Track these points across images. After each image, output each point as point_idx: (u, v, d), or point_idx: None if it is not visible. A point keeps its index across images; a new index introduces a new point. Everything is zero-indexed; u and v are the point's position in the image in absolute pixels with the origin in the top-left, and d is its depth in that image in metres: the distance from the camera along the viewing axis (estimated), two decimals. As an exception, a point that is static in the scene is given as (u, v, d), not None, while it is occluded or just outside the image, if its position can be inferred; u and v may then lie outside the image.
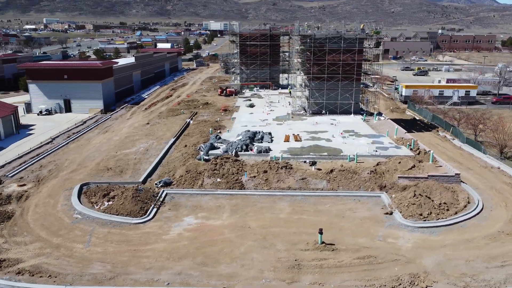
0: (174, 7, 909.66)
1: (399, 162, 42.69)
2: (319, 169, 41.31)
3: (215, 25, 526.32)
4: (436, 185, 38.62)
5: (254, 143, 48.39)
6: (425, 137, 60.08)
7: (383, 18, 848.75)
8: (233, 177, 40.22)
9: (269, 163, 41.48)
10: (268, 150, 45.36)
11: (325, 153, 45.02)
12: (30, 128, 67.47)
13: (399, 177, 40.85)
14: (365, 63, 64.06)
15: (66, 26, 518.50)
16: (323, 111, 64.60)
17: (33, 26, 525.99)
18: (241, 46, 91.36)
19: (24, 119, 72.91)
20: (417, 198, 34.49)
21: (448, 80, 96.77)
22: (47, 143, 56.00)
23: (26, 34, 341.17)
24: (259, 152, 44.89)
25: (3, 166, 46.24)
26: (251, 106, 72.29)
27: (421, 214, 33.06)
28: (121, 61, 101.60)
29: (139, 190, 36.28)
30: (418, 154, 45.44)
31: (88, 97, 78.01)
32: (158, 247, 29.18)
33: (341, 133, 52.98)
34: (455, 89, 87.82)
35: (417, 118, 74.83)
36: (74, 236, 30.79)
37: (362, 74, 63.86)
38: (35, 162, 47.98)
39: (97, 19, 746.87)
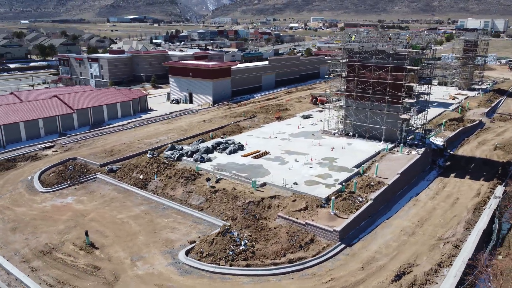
0: (440, 3, 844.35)
1: (294, 201, 37.90)
2: (213, 187, 41.46)
3: (473, 23, 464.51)
4: (285, 234, 33.46)
5: (215, 151, 51.25)
6: (457, 187, 46.60)
7: None
8: (149, 176, 45.58)
9: (176, 171, 44.44)
10: (204, 160, 47.66)
11: (244, 175, 43.72)
12: (149, 112, 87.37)
13: (278, 215, 36.96)
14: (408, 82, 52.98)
15: (321, 25, 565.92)
16: (351, 133, 57.64)
17: (296, 25, 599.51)
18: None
19: (161, 105, 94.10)
20: (217, 237, 31.76)
21: None
22: (122, 125, 73.26)
23: (276, 32, 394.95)
24: (195, 160, 47.84)
25: (69, 136, 65.38)
26: (305, 117, 70.48)
27: (201, 253, 30.91)
28: (251, 64, 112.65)
29: (68, 168, 47.06)
30: (336, 198, 38.09)
31: (203, 92, 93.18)
32: (19, 210, 39.38)
33: (311, 159, 48.16)
34: None
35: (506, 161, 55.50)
36: (5, 189, 44.45)
37: (402, 96, 53.07)
38: (88, 138, 65.11)
39: (358, 17, 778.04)
